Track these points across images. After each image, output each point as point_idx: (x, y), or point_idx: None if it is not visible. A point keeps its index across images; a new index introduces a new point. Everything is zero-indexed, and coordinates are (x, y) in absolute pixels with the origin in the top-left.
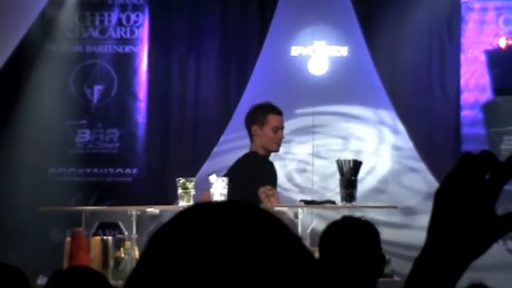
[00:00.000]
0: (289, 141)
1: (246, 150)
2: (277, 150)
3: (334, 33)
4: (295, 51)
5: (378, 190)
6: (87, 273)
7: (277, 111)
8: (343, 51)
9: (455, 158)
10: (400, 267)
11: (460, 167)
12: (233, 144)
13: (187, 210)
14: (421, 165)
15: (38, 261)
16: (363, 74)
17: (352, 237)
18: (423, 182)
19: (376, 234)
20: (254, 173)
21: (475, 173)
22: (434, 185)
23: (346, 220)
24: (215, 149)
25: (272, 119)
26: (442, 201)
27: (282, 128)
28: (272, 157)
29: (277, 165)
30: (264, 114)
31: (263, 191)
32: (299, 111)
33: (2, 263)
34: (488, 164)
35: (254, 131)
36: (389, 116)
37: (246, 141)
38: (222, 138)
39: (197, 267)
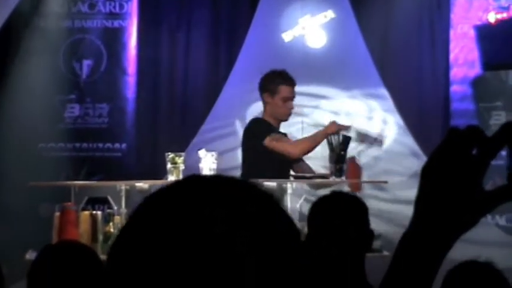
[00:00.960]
0: None
1: (234, 125)
2: (286, 120)
3: (323, 7)
4: (286, 36)
5: (368, 165)
6: (77, 247)
7: (289, 82)
8: (329, 14)
9: (445, 133)
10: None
11: (447, 142)
12: (223, 119)
13: (176, 184)
14: (411, 140)
15: (27, 236)
16: (352, 50)
17: (340, 212)
18: (412, 156)
19: (364, 209)
20: (262, 137)
21: (462, 148)
22: (424, 159)
23: (335, 195)
24: (204, 124)
25: (283, 90)
26: (429, 176)
27: (292, 98)
28: None
29: None
30: (275, 84)
31: (270, 139)
32: None
33: None
34: (475, 138)
35: (265, 99)
36: (378, 91)
37: (235, 114)
38: (211, 113)
39: (184, 241)
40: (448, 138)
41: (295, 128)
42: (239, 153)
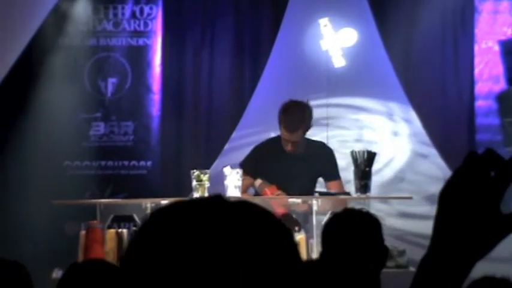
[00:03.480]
0: None
1: (259, 141)
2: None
3: (346, 23)
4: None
5: (393, 181)
6: (104, 266)
7: (286, 128)
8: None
9: (470, 148)
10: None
11: (465, 166)
12: (247, 136)
13: (192, 202)
14: (436, 156)
15: (53, 254)
16: (376, 65)
17: (354, 229)
18: (438, 172)
19: (378, 225)
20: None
21: (480, 171)
22: (449, 175)
23: (348, 212)
24: (229, 141)
25: (282, 130)
26: (447, 200)
27: (287, 141)
28: None
29: None
30: (279, 121)
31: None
32: (313, 102)
33: (1, 259)
34: (493, 162)
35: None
36: (403, 107)
37: (260, 131)
38: (236, 130)
39: (178, 261)
40: (466, 162)
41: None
42: None
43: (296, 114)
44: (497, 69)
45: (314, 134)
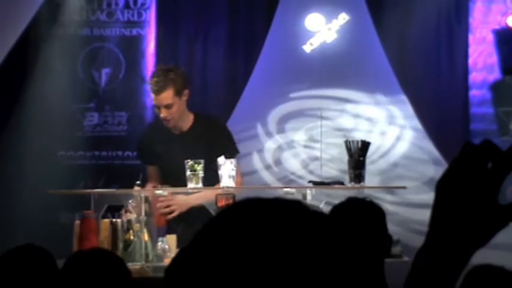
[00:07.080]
0: (298, 123)
1: (251, 131)
2: (169, 128)
3: (340, 12)
4: (307, 48)
5: (387, 170)
6: (106, 255)
7: (153, 90)
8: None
9: (464, 138)
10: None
11: (462, 157)
12: (239, 127)
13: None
14: (430, 145)
15: (47, 244)
16: (370, 55)
17: (358, 218)
18: (432, 161)
19: (381, 214)
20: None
21: (477, 163)
22: (443, 164)
23: (351, 201)
24: None
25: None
26: (444, 191)
27: (161, 106)
28: (283, 144)
29: (288, 152)
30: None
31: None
32: (307, 93)
33: (29, 244)
34: (490, 153)
35: None
36: (397, 96)
37: (254, 122)
38: (229, 120)
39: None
40: (463, 153)
41: (315, 131)
42: (255, 158)
43: (161, 76)
44: (492, 58)
45: (308, 125)
